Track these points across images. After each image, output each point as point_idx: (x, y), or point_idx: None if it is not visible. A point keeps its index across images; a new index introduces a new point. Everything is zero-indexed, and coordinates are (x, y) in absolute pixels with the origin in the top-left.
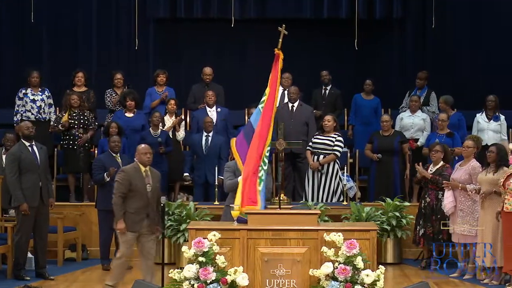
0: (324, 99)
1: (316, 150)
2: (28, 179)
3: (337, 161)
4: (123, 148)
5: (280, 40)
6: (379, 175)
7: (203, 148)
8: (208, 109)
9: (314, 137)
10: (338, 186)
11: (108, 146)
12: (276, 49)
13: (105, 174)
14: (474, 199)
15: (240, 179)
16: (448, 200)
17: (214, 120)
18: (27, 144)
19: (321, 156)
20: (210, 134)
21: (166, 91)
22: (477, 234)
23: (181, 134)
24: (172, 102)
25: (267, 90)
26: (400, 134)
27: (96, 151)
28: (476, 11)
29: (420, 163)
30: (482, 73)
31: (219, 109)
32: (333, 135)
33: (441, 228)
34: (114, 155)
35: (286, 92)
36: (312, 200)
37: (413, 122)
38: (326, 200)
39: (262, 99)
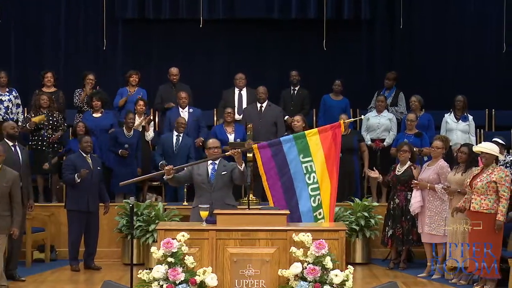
0: (293, 100)
1: None
2: None
3: None
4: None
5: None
6: (341, 173)
7: (174, 147)
8: (180, 109)
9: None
10: None
11: (79, 146)
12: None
13: (76, 175)
14: (442, 199)
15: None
16: (415, 199)
17: (186, 120)
18: (11, 144)
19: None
20: (181, 134)
21: (191, 109)
22: (445, 234)
23: (150, 134)
24: (141, 102)
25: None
26: (357, 133)
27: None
28: (443, 11)
29: (374, 168)
30: (450, 73)
31: (191, 110)
32: None
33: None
34: (84, 155)
35: (243, 92)
36: None
37: (379, 122)
38: None
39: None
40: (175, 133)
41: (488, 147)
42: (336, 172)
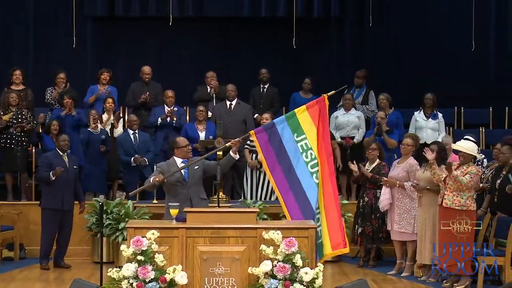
0: (262, 97)
1: (254, 149)
2: None
3: None
4: None
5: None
6: None
7: (134, 145)
8: (166, 108)
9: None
10: None
11: (55, 145)
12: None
13: (51, 173)
14: (411, 197)
15: None
16: (384, 196)
17: (168, 119)
18: None
19: (259, 154)
20: (137, 131)
21: (175, 107)
22: (414, 231)
23: (119, 130)
24: (110, 100)
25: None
26: None
27: (33, 150)
28: (413, 9)
29: (354, 162)
30: (420, 71)
31: (175, 108)
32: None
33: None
34: (61, 154)
35: (213, 90)
36: (251, 198)
37: (348, 120)
38: (265, 198)
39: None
40: (131, 131)
41: (466, 146)
42: (325, 149)
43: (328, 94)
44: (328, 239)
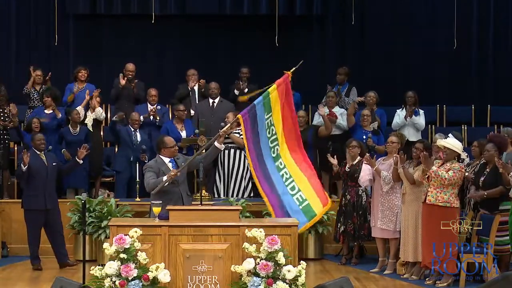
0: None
1: (230, 145)
2: None
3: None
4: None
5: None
6: None
7: (133, 141)
8: (149, 106)
9: (233, 133)
10: (248, 182)
11: (31, 144)
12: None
13: (21, 164)
14: (395, 194)
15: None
16: (364, 173)
17: (152, 117)
18: None
19: (235, 150)
20: (137, 130)
21: (158, 106)
22: (396, 229)
23: (102, 113)
24: (98, 98)
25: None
26: (313, 127)
27: (15, 148)
28: (395, 7)
29: (335, 156)
30: (402, 69)
31: (159, 107)
32: (237, 130)
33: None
34: (38, 153)
35: (196, 87)
36: (224, 195)
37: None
38: (237, 195)
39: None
40: (131, 129)
41: (451, 143)
42: (293, 122)
43: (291, 71)
44: (318, 199)
